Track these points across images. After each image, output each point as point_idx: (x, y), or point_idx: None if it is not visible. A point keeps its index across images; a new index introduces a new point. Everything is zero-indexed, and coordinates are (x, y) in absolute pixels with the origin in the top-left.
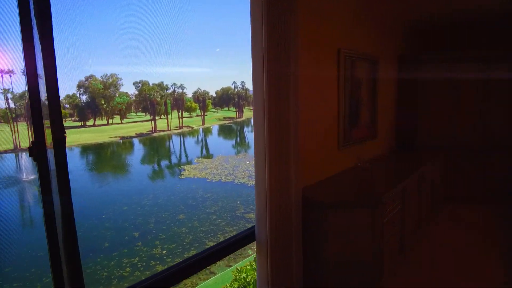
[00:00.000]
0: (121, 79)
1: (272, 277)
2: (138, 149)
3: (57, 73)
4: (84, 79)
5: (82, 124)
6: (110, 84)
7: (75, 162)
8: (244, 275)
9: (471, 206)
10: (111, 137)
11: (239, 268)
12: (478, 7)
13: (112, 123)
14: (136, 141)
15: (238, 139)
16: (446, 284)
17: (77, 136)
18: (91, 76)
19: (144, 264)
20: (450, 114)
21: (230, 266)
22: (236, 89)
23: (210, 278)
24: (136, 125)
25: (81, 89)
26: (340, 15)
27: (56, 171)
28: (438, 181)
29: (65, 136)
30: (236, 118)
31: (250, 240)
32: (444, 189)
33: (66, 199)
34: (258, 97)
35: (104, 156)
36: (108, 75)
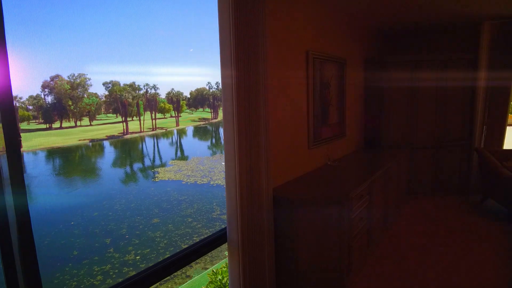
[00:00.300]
0: (89, 79)
1: (244, 277)
2: (109, 152)
3: (22, 73)
4: (49, 79)
5: (48, 126)
6: (78, 85)
7: (40, 166)
8: (220, 276)
9: (431, 198)
10: (79, 140)
11: (214, 270)
12: (437, 16)
13: (80, 125)
14: (106, 143)
15: (214, 140)
16: (413, 275)
17: (42, 139)
18: (57, 76)
19: (116, 271)
20: (411, 114)
21: (207, 268)
22: (211, 90)
23: (186, 281)
24: (106, 127)
25: (46, 90)
26: (308, 18)
27: (10, 177)
28: (402, 177)
29: (20, 140)
30: (211, 119)
31: (222, 241)
32: (408, 184)
33: (22, 207)
34: (227, 99)
35: (72, 160)
36: (76, 75)
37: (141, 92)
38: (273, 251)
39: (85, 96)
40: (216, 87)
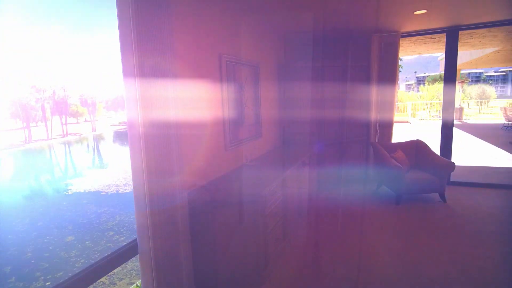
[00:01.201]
0: None
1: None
2: (7, 163)
3: None
4: None
5: None
6: None
7: None
8: None
9: (338, 188)
10: None
11: (139, 284)
12: (336, 27)
13: None
14: (2, 154)
15: None
16: (326, 258)
17: None
18: None
19: None
20: (320, 114)
21: (133, 283)
22: None
23: None
24: (2, 134)
25: None
26: (219, 21)
27: None
28: (313, 171)
29: None
30: None
31: (133, 253)
32: (318, 177)
33: None
34: (131, 107)
35: None
36: None
37: (47, 94)
38: (191, 257)
39: None
40: None
